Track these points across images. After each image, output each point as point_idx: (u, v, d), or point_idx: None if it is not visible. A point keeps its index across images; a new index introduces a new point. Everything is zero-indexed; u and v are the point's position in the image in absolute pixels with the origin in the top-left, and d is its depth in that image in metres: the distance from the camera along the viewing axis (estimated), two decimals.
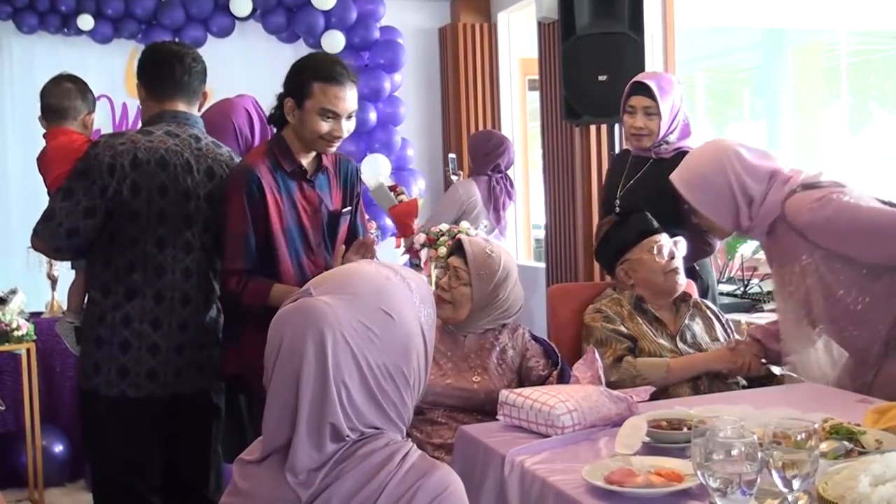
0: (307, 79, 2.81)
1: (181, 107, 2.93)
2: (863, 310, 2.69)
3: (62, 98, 3.30)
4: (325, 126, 2.82)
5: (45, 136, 3.31)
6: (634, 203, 3.31)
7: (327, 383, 1.44)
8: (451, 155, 6.28)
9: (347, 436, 1.46)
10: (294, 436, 1.45)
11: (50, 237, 2.78)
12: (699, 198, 2.86)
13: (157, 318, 2.81)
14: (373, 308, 1.49)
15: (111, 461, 2.85)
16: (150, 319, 2.80)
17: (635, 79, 3.56)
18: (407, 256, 5.17)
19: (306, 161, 2.93)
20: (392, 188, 5.18)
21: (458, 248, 3.04)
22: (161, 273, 2.81)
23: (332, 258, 2.92)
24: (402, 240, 5.10)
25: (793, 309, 2.84)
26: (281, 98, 2.88)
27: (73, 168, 2.83)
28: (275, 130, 2.99)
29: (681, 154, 3.31)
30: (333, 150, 2.92)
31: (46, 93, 3.33)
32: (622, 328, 3.02)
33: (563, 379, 2.87)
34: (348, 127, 2.88)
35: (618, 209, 3.56)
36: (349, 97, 2.84)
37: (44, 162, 3.23)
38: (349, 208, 3.03)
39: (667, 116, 3.47)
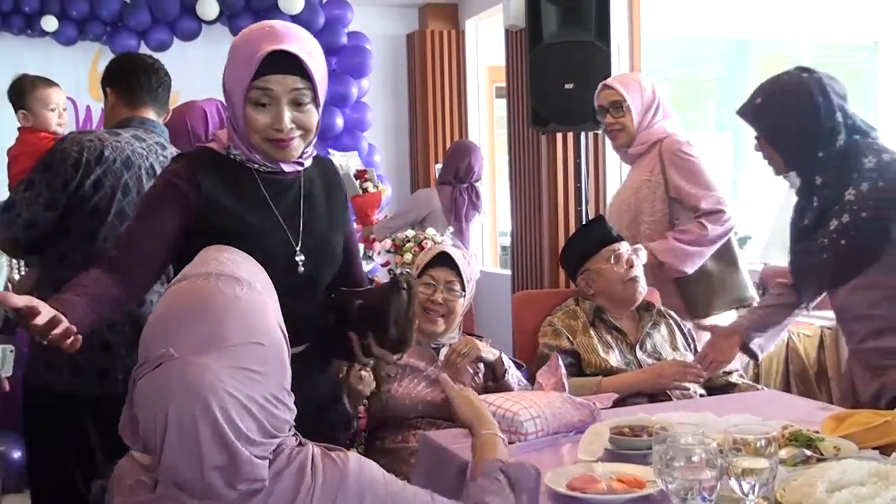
0: None
1: (151, 115, 2.96)
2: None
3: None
4: None
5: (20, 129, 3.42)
6: None
7: (229, 446, 1.35)
8: (438, 165, 6.26)
9: (256, 479, 1.39)
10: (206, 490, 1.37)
11: (7, 227, 2.76)
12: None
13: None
14: (245, 347, 1.38)
15: (58, 459, 2.80)
16: None
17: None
18: (362, 246, 5.16)
19: None
20: (361, 174, 5.16)
21: (443, 260, 2.95)
22: None
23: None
24: (361, 228, 5.11)
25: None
26: None
27: (39, 161, 2.82)
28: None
29: None
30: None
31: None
32: (565, 343, 3.02)
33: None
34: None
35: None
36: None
37: (10, 155, 3.33)
38: None
39: None
